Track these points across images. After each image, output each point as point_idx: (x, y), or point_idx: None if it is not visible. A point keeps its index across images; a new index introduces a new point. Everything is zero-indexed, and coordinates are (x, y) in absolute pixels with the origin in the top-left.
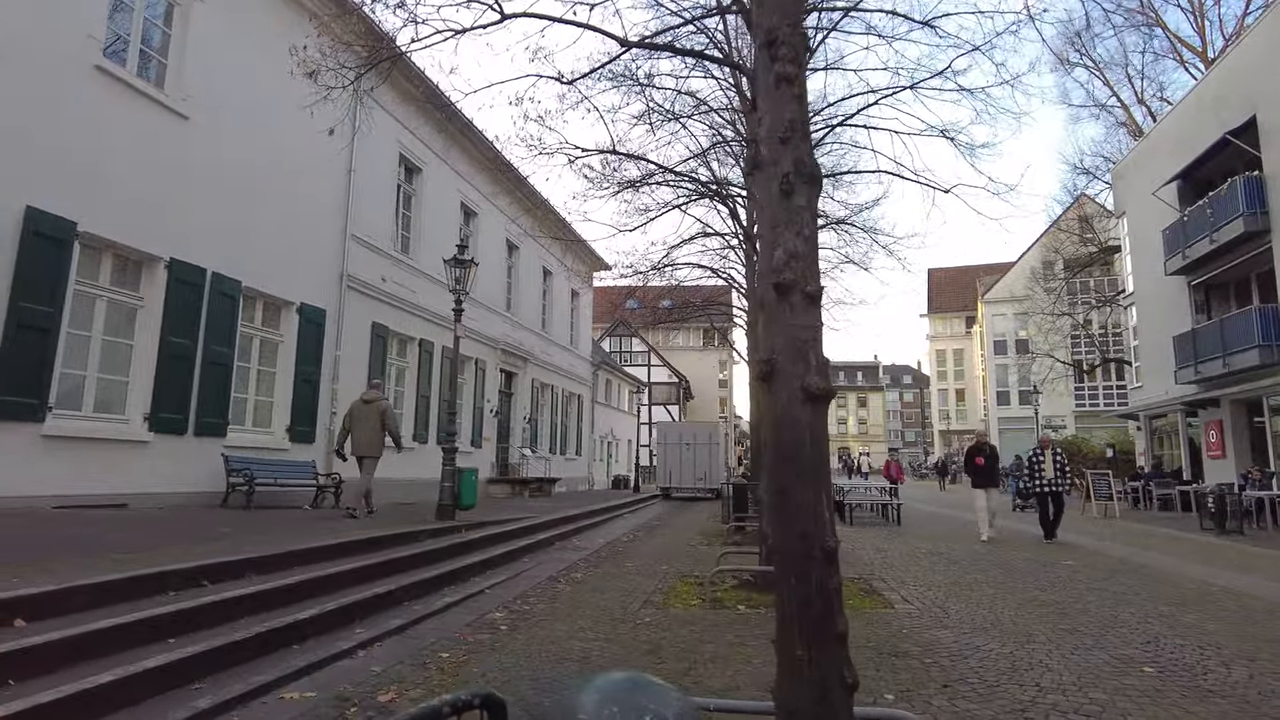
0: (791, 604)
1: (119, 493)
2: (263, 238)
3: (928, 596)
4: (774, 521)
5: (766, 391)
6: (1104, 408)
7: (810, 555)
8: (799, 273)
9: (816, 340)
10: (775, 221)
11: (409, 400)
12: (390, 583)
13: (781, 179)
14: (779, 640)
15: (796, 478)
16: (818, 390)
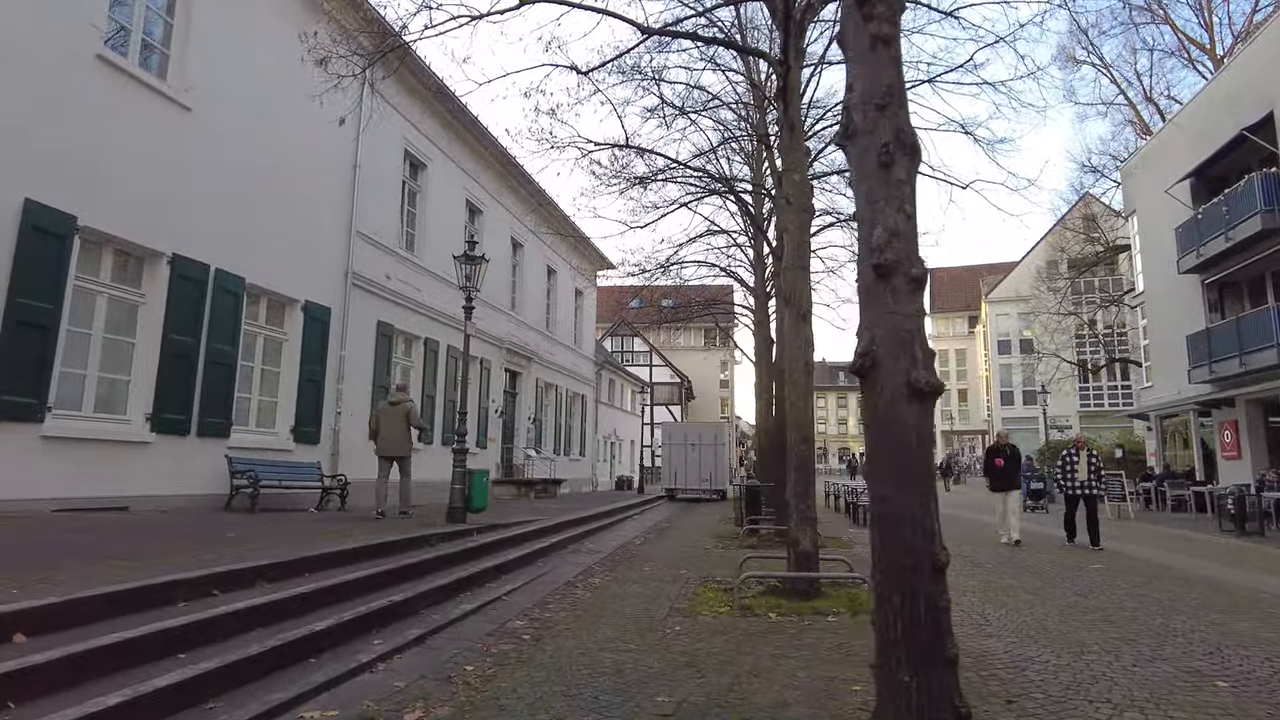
0: (896, 625)
1: (120, 495)
2: (267, 234)
3: (962, 602)
4: (875, 533)
5: (865, 388)
6: (1109, 408)
7: (918, 570)
8: (901, 253)
9: (920, 330)
10: (873, 196)
11: (414, 401)
12: (406, 590)
13: (880, 150)
14: (879, 664)
15: (900, 484)
16: (925, 386)
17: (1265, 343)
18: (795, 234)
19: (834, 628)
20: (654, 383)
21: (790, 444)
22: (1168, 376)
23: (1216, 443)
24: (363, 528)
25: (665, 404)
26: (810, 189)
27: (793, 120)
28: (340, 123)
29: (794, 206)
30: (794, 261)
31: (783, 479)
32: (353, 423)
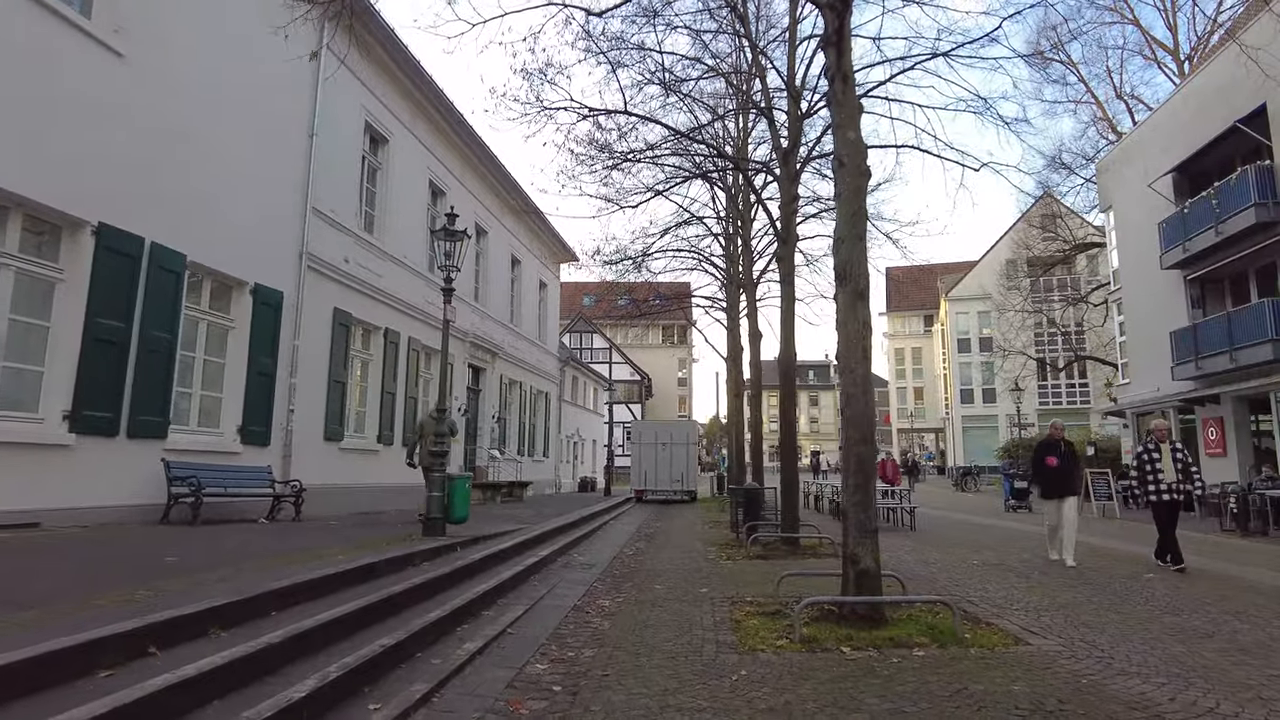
0: None
1: (30, 509)
2: (212, 205)
3: (1049, 625)
4: None
5: None
6: (1067, 405)
7: None
8: None
9: None
10: None
11: (373, 397)
12: (396, 628)
13: None
14: None
15: None
16: None
17: (1258, 338)
18: (850, 199)
19: (930, 666)
20: (613, 380)
21: (847, 444)
22: (1146, 373)
23: (1200, 440)
24: (329, 542)
25: (625, 402)
26: (865, 148)
27: (846, 70)
28: (311, 57)
29: (848, 168)
30: (849, 231)
31: (792, 480)
32: (308, 421)
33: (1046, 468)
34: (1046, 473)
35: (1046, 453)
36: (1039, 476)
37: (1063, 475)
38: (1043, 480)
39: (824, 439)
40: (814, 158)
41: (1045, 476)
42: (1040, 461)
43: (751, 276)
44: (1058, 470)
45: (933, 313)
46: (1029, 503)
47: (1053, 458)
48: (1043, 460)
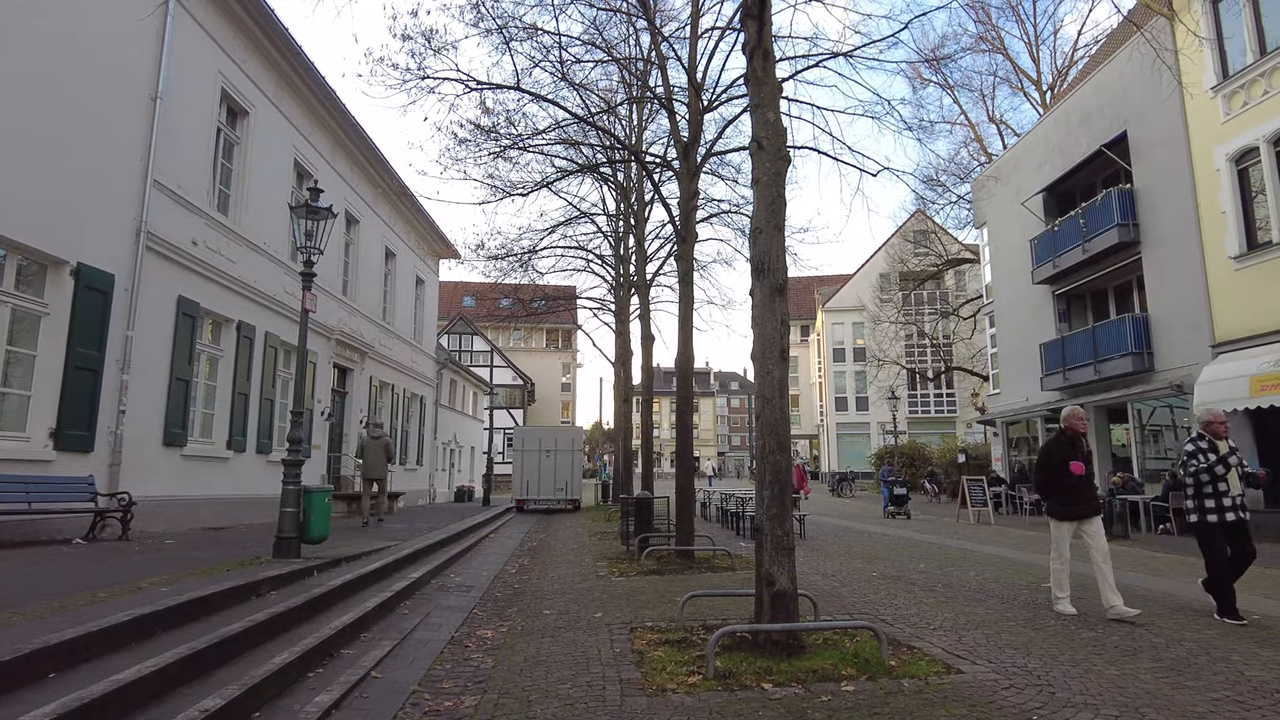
0: None
1: None
2: (21, 167)
3: (975, 647)
4: None
5: None
6: (934, 414)
7: None
8: None
9: None
10: None
11: (223, 398)
12: (228, 681)
13: None
14: None
15: None
16: None
17: (1119, 351)
18: (770, 186)
19: (866, 705)
20: (494, 384)
21: (762, 452)
22: (1016, 383)
23: None
24: (157, 568)
25: (506, 407)
26: (784, 131)
27: (767, 45)
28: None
29: (767, 151)
30: (768, 220)
31: (687, 489)
32: (143, 423)
33: (1072, 477)
34: (1071, 484)
35: (1070, 454)
36: (1058, 490)
37: (1089, 490)
38: (1065, 495)
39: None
40: (715, 154)
41: (1069, 489)
42: (1061, 468)
43: (645, 277)
44: (1085, 484)
45: (809, 323)
46: (906, 509)
47: (1079, 463)
48: (1065, 466)
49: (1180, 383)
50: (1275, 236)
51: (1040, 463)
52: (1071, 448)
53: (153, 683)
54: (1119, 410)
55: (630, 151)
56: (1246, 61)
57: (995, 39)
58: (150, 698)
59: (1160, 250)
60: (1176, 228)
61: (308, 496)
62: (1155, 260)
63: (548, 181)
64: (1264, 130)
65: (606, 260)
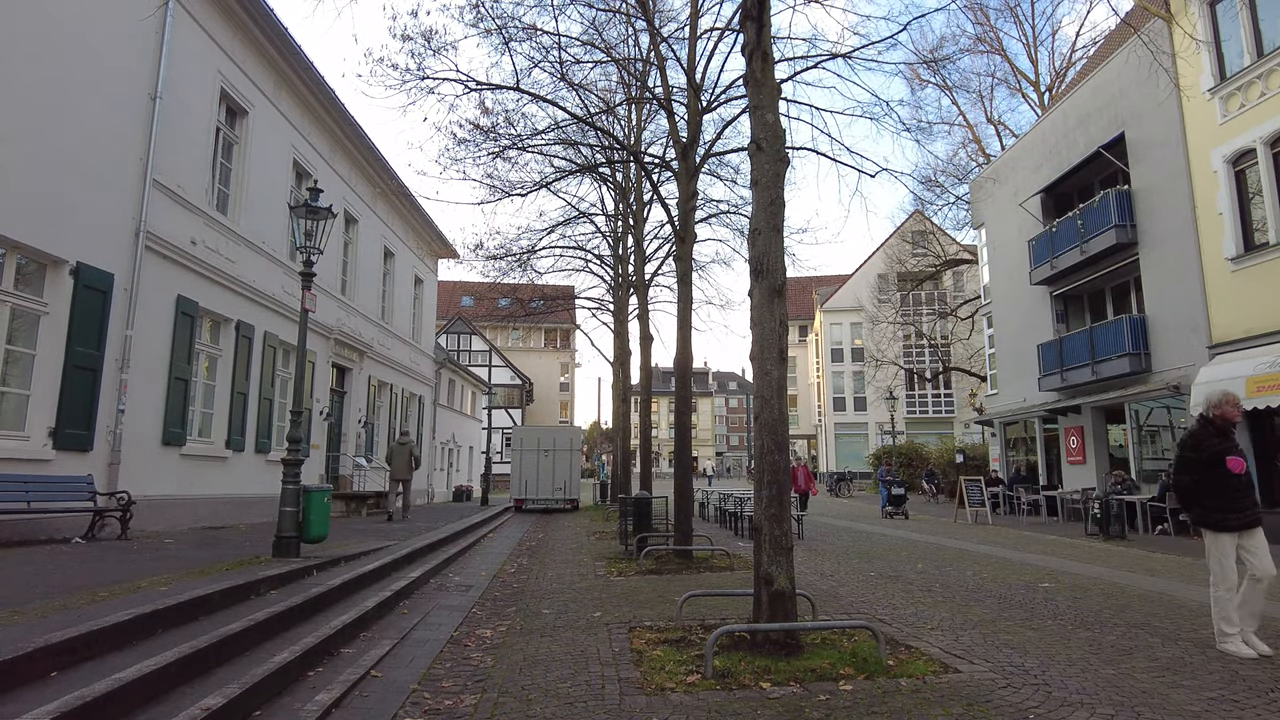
0: None
1: None
2: (19, 166)
3: (971, 646)
4: None
5: None
6: (933, 415)
7: None
8: None
9: None
10: None
11: (221, 397)
12: (229, 680)
13: None
14: None
15: None
16: None
17: (1117, 352)
18: (769, 187)
19: (864, 704)
20: (492, 384)
21: (761, 452)
22: (1014, 384)
23: (1062, 448)
24: (156, 567)
25: (505, 407)
26: (783, 133)
27: (766, 47)
28: None
29: (766, 153)
30: (766, 222)
31: (686, 489)
32: (142, 423)
33: (1231, 476)
34: (1231, 485)
35: (1225, 449)
36: (1212, 494)
37: (1251, 488)
38: (1222, 499)
39: (700, 445)
40: (713, 154)
41: (1227, 492)
42: (1216, 464)
43: (644, 277)
44: (1247, 481)
45: (808, 323)
46: (904, 509)
47: (1238, 458)
48: (1219, 463)
49: (1177, 383)
50: (1272, 238)
51: (1184, 461)
52: (1224, 440)
53: (154, 681)
54: (1116, 411)
55: (629, 152)
56: (1244, 64)
57: (994, 40)
58: (151, 696)
59: (1158, 251)
60: (1174, 229)
61: (307, 496)
62: (1153, 261)
63: (547, 182)
64: (1261, 132)
65: (605, 260)
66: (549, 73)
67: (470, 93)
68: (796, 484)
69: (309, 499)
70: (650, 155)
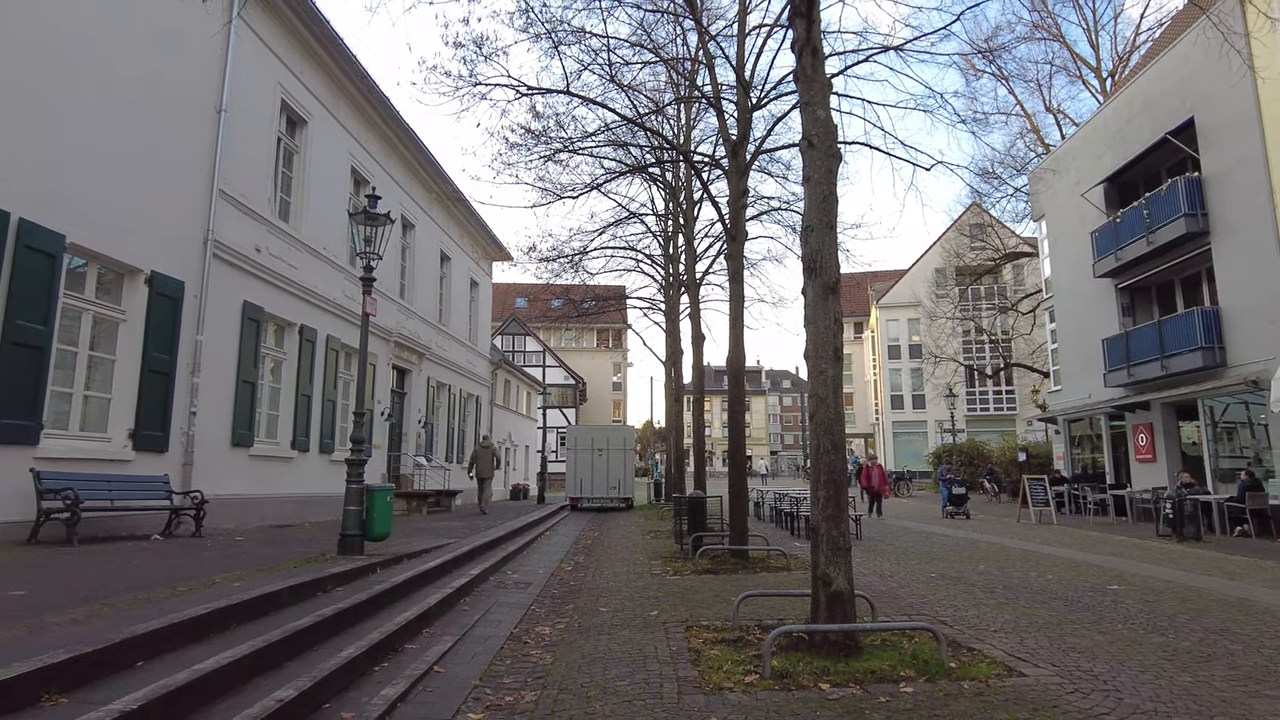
0: None
1: None
2: (98, 181)
3: (1036, 649)
4: None
5: None
6: (994, 412)
7: None
8: None
9: None
10: None
11: (287, 399)
12: (300, 673)
13: None
14: None
15: None
16: None
17: (1188, 346)
18: (821, 183)
19: (925, 706)
20: (546, 384)
21: (817, 452)
22: (1078, 380)
23: (1130, 445)
24: (229, 564)
25: (559, 406)
26: (835, 129)
27: (816, 43)
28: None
29: (818, 149)
30: (819, 219)
31: (740, 488)
32: (212, 425)
33: None
34: None
35: None
36: None
37: None
38: None
39: (754, 444)
40: (763, 151)
41: None
42: None
43: (695, 276)
44: None
45: (863, 319)
46: (965, 509)
47: None
48: None
49: (1256, 378)
50: None
51: None
52: None
53: (230, 673)
54: (1188, 407)
55: (678, 151)
56: None
57: (1052, 26)
58: (229, 687)
59: (1232, 240)
60: (1250, 216)
61: (370, 495)
62: (1226, 251)
63: (597, 183)
64: None
65: (656, 260)
66: (598, 75)
67: (521, 97)
68: (870, 485)
69: (372, 498)
70: (700, 154)
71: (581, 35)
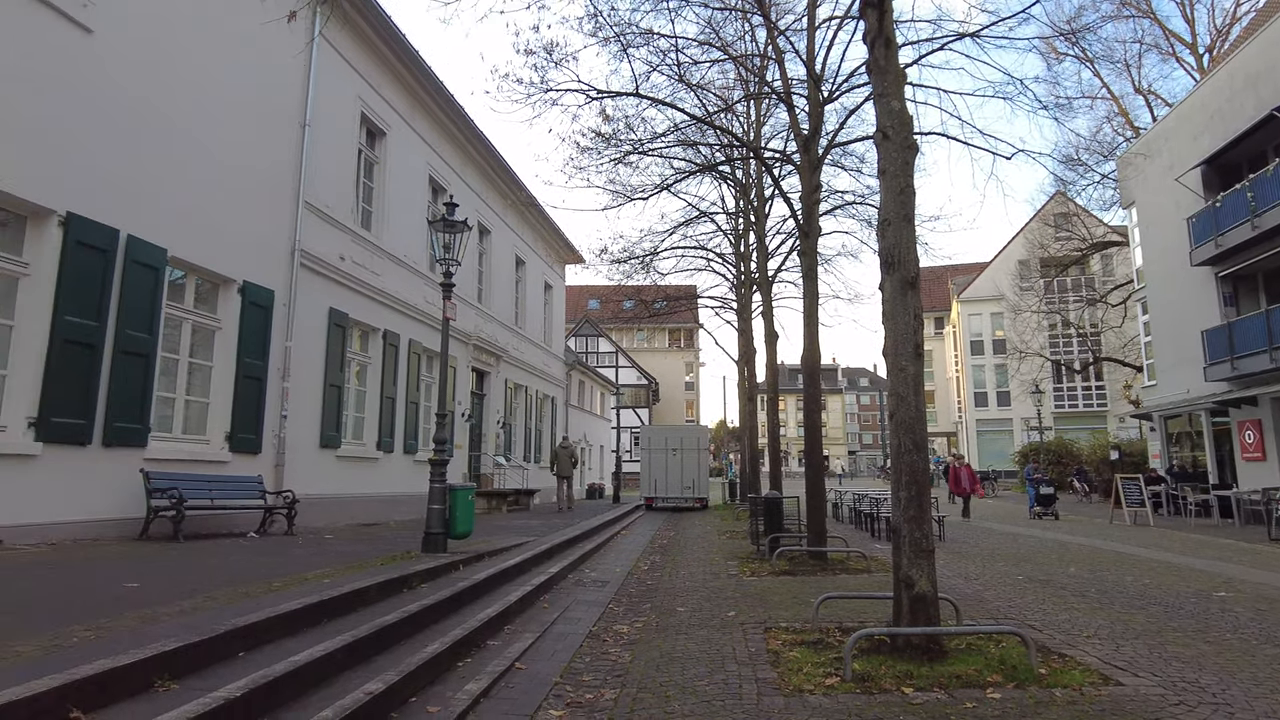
0: None
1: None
2: (194, 196)
3: (1135, 658)
4: None
5: None
6: (1083, 409)
7: None
8: None
9: None
10: None
11: (371, 402)
12: (387, 668)
13: None
14: None
15: None
16: None
17: None
18: (897, 176)
19: (1014, 714)
20: (619, 384)
21: (898, 452)
22: (1174, 374)
23: (1235, 443)
24: (319, 561)
25: (632, 406)
26: (910, 119)
27: (888, 33)
28: (289, 18)
29: (893, 141)
30: (896, 212)
31: (818, 488)
32: (302, 427)
33: None
34: None
35: None
36: None
37: None
38: None
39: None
40: (836, 145)
41: None
42: None
43: (767, 274)
44: None
45: (944, 314)
46: (1054, 510)
47: None
48: None
49: None
50: None
51: None
52: None
53: (323, 665)
54: None
55: (749, 148)
56: None
57: (1141, 2)
58: (322, 679)
59: None
60: None
61: (452, 494)
62: None
63: (667, 184)
64: None
65: (727, 258)
66: (667, 75)
67: (591, 101)
68: (959, 486)
69: (454, 497)
70: (770, 150)
71: (650, 37)
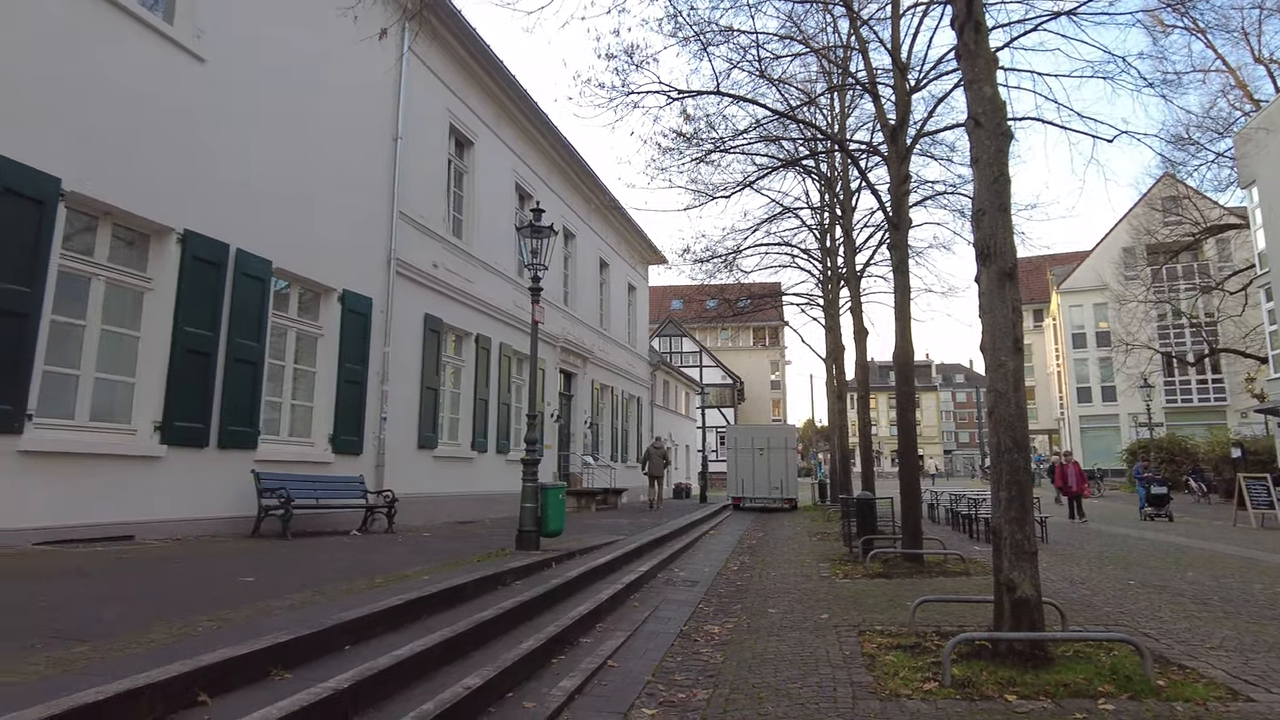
0: None
1: (123, 521)
2: (296, 210)
3: (1268, 673)
4: None
5: None
6: (1198, 404)
7: None
8: None
9: None
10: None
11: (465, 404)
12: (484, 663)
13: None
14: None
15: None
16: None
17: None
18: (991, 164)
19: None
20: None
21: (998, 451)
22: None
23: None
24: (418, 558)
25: (716, 406)
26: (1004, 105)
27: (978, 16)
28: (381, 35)
29: (986, 129)
30: (991, 201)
31: (913, 489)
32: (400, 429)
33: None
34: None
35: None
36: None
37: None
38: None
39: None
40: (925, 134)
41: None
42: None
43: (855, 269)
44: None
45: (1043, 306)
46: (1168, 511)
47: None
48: None
49: None
50: None
51: None
52: None
53: (424, 659)
54: None
55: (833, 141)
56: None
57: None
58: (422, 672)
59: None
60: None
61: (544, 493)
62: None
63: (749, 180)
64: None
65: (812, 254)
66: (747, 71)
67: (672, 102)
68: (1067, 485)
69: (546, 495)
70: (856, 142)
71: (729, 34)
